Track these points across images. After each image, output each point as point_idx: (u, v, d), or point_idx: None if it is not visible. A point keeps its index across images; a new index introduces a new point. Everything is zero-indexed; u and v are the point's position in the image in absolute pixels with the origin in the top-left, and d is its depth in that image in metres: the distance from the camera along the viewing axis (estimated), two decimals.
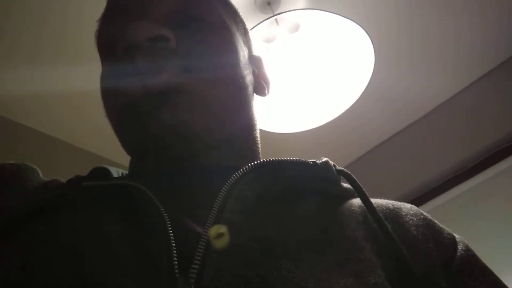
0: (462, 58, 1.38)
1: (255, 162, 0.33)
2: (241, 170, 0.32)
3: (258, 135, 0.43)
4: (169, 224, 0.29)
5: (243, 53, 0.42)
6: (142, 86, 0.33)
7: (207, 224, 0.29)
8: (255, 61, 0.46)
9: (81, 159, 1.43)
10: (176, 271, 0.26)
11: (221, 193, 0.31)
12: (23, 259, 0.28)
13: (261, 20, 0.98)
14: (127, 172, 0.41)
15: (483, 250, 0.45)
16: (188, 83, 0.34)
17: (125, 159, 0.40)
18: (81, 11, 1.08)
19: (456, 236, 0.37)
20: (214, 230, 0.28)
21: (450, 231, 0.37)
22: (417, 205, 1.59)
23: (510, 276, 1.15)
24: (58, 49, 1.16)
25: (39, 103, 1.29)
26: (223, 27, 0.40)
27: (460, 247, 0.35)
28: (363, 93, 1.07)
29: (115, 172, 0.39)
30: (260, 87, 0.45)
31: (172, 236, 0.28)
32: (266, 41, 1.07)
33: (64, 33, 1.13)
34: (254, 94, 0.44)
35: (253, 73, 0.44)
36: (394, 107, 1.51)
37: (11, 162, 0.38)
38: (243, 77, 0.40)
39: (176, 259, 0.27)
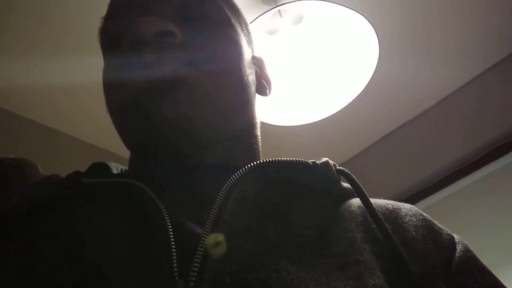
0: (466, 52, 1.37)
1: (255, 162, 0.33)
2: (241, 170, 0.32)
3: (259, 133, 0.43)
4: (170, 226, 0.28)
5: (246, 52, 0.42)
6: (145, 78, 0.33)
7: (206, 226, 0.29)
8: (257, 62, 0.46)
9: (81, 151, 1.44)
10: (176, 274, 0.26)
11: (220, 194, 0.30)
12: (23, 260, 0.28)
13: (264, 11, 0.97)
14: (126, 167, 0.41)
15: (482, 246, 0.45)
16: (192, 77, 0.34)
17: (125, 151, 0.40)
18: (82, 3, 1.07)
19: (456, 236, 0.37)
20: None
21: (449, 231, 0.37)
22: (420, 198, 1.58)
23: (508, 273, 1.15)
24: (59, 42, 1.15)
25: (39, 95, 1.29)
26: (228, 24, 0.40)
27: (459, 247, 0.35)
28: (366, 86, 1.06)
29: (115, 168, 0.39)
30: (262, 87, 0.45)
31: (172, 239, 0.28)
32: (269, 33, 1.06)
33: (65, 26, 1.12)
34: (256, 94, 0.44)
35: (255, 73, 0.44)
36: (397, 101, 1.50)
37: (11, 156, 0.38)
38: (246, 75, 0.40)
39: (175, 262, 0.27)
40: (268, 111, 1.08)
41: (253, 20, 0.96)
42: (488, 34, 1.32)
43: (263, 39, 1.04)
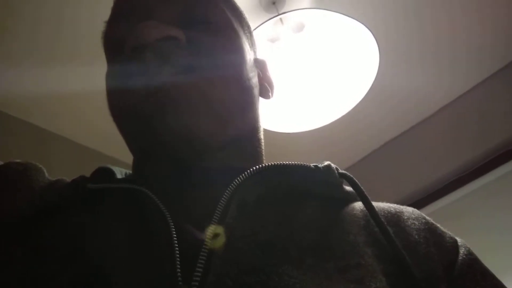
0: (469, 58, 1.37)
1: (257, 166, 0.33)
2: (243, 175, 0.32)
3: (262, 136, 0.43)
4: (174, 231, 0.29)
5: (249, 55, 0.42)
6: (148, 86, 0.33)
7: (209, 231, 0.29)
8: (259, 64, 0.46)
9: (80, 155, 1.45)
10: (179, 279, 0.26)
11: (222, 198, 0.31)
12: (29, 263, 0.28)
13: (266, 20, 0.98)
14: (130, 171, 0.41)
15: (485, 253, 0.44)
16: (195, 86, 0.34)
17: (123, 155, 0.40)
18: (77, 12, 1.09)
19: (458, 239, 0.37)
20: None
21: (452, 234, 0.37)
22: (422, 206, 1.57)
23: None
24: (55, 49, 1.17)
25: (37, 100, 1.30)
26: (230, 28, 0.40)
27: (462, 251, 0.35)
28: (367, 93, 1.07)
29: (119, 172, 0.39)
30: (264, 90, 0.45)
31: (176, 244, 0.28)
32: (270, 41, 1.07)
33: (60, 34, 1.13)
34: (259, 97, 0.44)
35: (258, 76, 0.44)
36: (398, 108, 1.51)
37: (17, 160, 0.38)
38: (248, 79, 0.40)
39: (179, 267, 0.27)
40: (269, 118, 1.09)
41: (255, 28, 0.97)
42: (492, 40, 1.32)
43: (264, 47, 1.05)
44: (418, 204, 1.48)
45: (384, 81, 1.30)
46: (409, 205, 0.41)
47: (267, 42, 1.06)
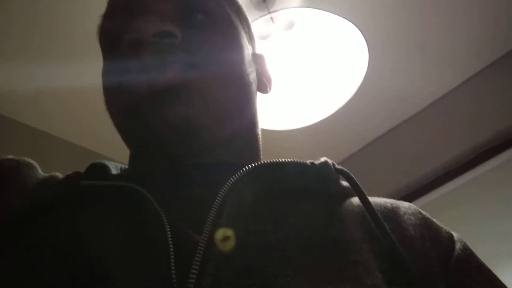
0: (457, 54, 1.38)
1: (253, 164, 0.33)
2: (239, 173, 0.32)
3: (259, 132, 0.43)
4: (169, 231, 0.28)
5: (247, 50, 0.41)
6: (146, 83, 0.32)
7: (204, 231, 0.28)
8: (258, 59, 0.45)
9: (72, 154, 1.43)
10: (174, 281, 0.26)
11: (218, 197, 0.30)
12: (23, 261, 0.27)
13: (256, 18, 0.98)
14: (126, 166, 0.40)
15: (476, 243, 0.45)
16: (192, 80, 0.34)
17: (116, 153, 0.40)
18: (70, 9, 1.07)
19: (454, 234, 0.37)
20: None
21: (448, 229, 0.37)
22: (413, 199, 1.57)
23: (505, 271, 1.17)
24: (47, 47, 1.15)
25: (29, 99, 1.28)
26: (229, 23, 0.39)
27: (457, 246, 0.35)
28: (357, 90, 1.08)
29: (114, 167, 0.38)
30: (262, 85, 0.45)
31: (171, 245, 0.27)
32: (261, 38, 1.07)
33: (53, 31, 1.12)
34: (257, 92, 0.44)
35: (256, 71, 0.44)
36: (388, 104, 1.52)
37: (10, 157, 0.37)
38: (247, 74, 0.39)
39: (174, 268, 0.26)
40: (261, 115, 1.09)
41: None
42: (480, 36, 1.33)
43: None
44: (409, 197, 1.50)
45: (374, 77, 1.31)
46: (400, 198, 0.41)
47: (258, 40, 1.06)
